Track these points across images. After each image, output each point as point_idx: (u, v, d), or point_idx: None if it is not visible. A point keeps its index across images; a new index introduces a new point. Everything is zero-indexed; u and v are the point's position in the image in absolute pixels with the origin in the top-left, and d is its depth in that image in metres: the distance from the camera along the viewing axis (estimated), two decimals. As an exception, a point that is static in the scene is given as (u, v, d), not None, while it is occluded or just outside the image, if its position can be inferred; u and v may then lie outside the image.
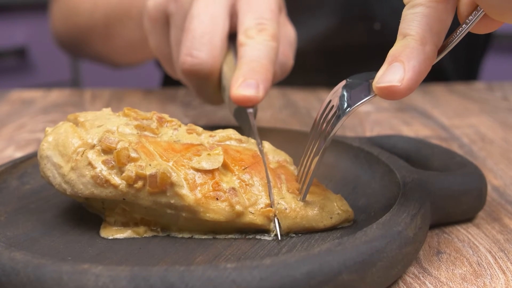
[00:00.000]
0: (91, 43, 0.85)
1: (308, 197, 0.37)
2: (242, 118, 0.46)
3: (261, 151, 0.40)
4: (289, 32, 0.57)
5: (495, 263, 0.35)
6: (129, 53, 0.80)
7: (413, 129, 0.66)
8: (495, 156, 0.55)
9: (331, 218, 0.37)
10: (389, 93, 0.32)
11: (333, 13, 0.83)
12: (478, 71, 1.01)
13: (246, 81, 0.45)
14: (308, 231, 0.37)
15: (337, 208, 0.37)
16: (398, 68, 0.32)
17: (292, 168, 0.41)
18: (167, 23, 0.55)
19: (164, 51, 0.57)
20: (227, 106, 0.50)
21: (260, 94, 0.45)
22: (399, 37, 0.34)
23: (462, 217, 0.40)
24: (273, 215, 0.36)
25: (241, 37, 0.48)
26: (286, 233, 0.36)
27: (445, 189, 0.39)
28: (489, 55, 1.09)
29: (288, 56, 0.55)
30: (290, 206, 0.36)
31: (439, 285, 0.32)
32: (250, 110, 0.45)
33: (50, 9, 0.92)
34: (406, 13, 0.34)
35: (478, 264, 0.35)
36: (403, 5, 0.34)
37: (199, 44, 0.48)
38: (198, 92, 0.53)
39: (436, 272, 0.34)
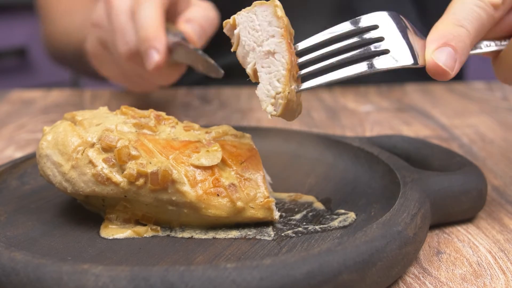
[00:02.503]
0: (74, 65, 0.94)
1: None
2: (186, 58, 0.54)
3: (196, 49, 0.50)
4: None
5: (495, 263, 0.35)
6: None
7: (413, 129, 0.66)
8: (495, 156, 0.55)
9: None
10: (440, 74, 0.35)
11: (320, 16, 0.85)
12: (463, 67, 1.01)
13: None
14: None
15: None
16: (452, 57, 0.35)
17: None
18: (107, 51, 0.61)
19: (119, 75, 0.64)
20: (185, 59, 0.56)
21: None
22: (453, 21, 0.36)
23: (462, 217, 0.40)
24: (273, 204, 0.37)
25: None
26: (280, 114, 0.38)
27: (445, 189, 0.39)
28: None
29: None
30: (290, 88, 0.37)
31: (439, 285, 0.32)
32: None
33: (40, 27, 0.95)
34: (470, 7, 0.36)
35: (478, 264, 0.35)
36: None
37: (123, 36, 0.55)
38: (140, 77, 0.59)
39: (436, 272, 0.34)
